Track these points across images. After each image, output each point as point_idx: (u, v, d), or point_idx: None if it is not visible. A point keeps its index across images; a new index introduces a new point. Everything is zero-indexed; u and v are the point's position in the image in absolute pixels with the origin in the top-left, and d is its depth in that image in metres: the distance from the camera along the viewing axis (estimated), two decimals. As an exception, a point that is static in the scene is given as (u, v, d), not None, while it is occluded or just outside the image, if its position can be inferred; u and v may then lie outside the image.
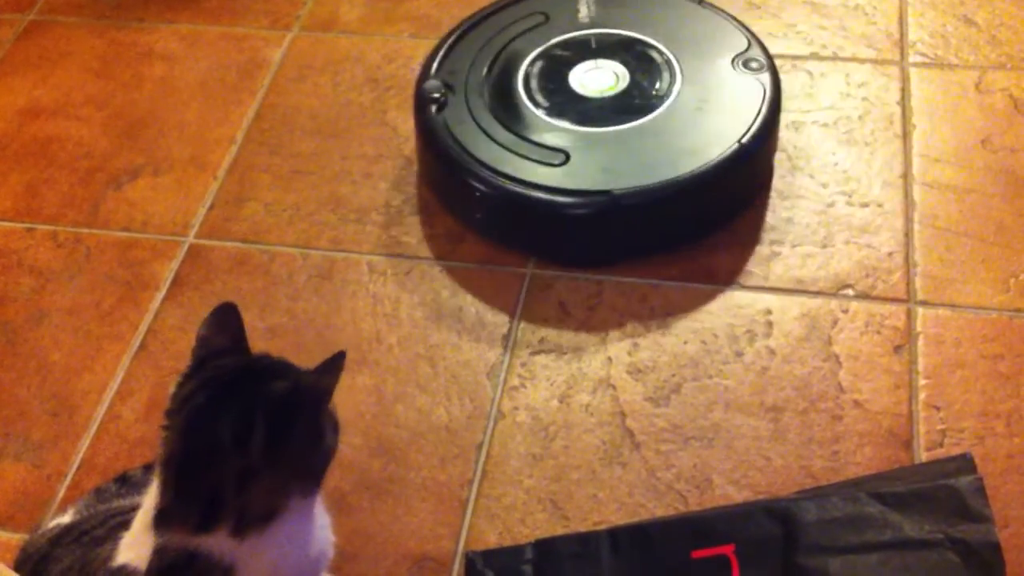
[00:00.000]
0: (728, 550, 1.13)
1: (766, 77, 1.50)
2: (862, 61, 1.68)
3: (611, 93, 1.52)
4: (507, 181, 1.42)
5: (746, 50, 1.55)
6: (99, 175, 1.65)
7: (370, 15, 1.87)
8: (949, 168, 1.52)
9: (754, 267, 1.44)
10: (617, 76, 1.54)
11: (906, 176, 1.52)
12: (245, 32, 1.86)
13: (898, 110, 1.60)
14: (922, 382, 1.30)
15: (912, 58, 1.68)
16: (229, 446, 0.88)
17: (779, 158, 1.55)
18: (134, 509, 0.97)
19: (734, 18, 1.60)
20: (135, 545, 0.91)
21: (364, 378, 1.36)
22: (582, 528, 1.21)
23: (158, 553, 0.89)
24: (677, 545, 1.15)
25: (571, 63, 1.56)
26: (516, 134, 1.47)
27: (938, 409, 1.27)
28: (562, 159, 1.44)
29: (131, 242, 1.55)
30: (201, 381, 0.92)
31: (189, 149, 1.67)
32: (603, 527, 1.19)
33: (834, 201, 1.50)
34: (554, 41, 1.59)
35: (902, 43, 1.70)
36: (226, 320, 0.97)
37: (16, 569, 1.05)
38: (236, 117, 1.72)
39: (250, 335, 0.99)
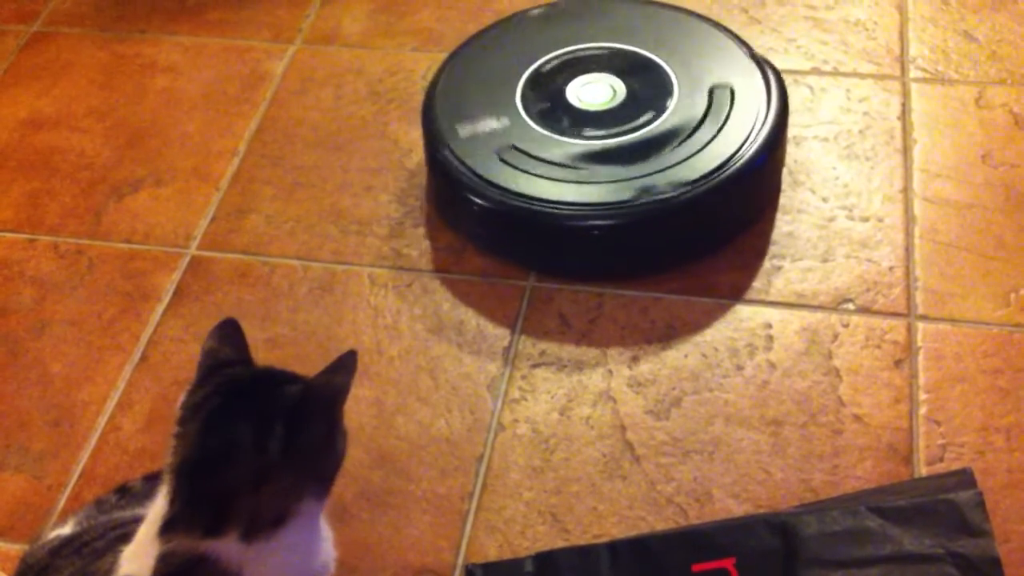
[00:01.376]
0: (729, 564, 1.13)
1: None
2: (863, 76, 1.69)
3: (608, 107, 1.52)
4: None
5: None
6: (101, 186, 1.65)
7: (372, 28, 1.87)
8: (949, 183, 1.52)
9: (755, 281, 1.44)
10: (614, 90, 1.54)
11: (906, 191, 1.52)
12: (247, 44, 1.87)
13: (899, 125, 1.61)
14: (922, 396, 1.30)
15: (913, 73, 1.68)
16: (249, 447, 0.89)
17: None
18: (135, 521, 0.97)
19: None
20: (137, 557, 0.91)
21: (365, 390, 1.36)
22: (582, 541, 1.21)
23: (164, 559, 0.88)
24: (677, 558, 1.15)
25: (569, 77, 1.56)
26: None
27: (938, 424, 1.27)
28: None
29: (133, 253, 1.56)
30: (214, 388, 0.93)
31: (191, 161, 1.68)
32: (603, 540, 1.19)
33: (835, 215, 1.50)
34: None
35: (903, 58, 1.71)
36: (231, 333, 0.99)
37: (16, 580, 1.05)
38: (238, 129, 1.72)
39: (251, 347, 1.00)
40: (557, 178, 1.43)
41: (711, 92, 1.52)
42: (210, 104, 1.77)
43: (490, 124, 1.50)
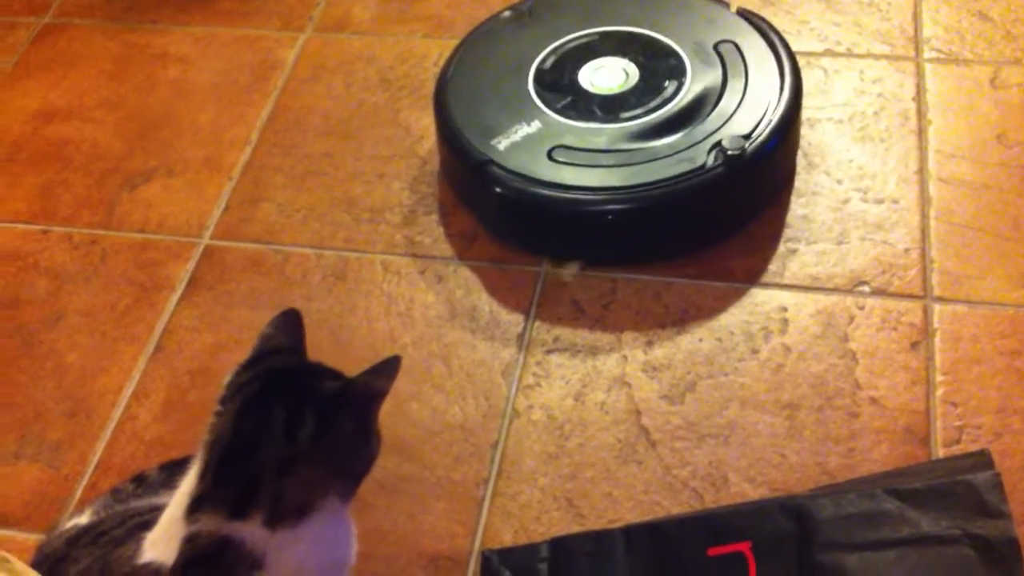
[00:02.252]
0: (744, 547, 1.13)
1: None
2: (877, 57, 1.67)
3: (621, 91, 1.52)
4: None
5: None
6: (114, 177, 1.66)
7: (383, 15, 1.87)
8: (965, 164, 1.51)
9: (770, 264, 1.43)
10: (627, 73, 1.53)
11: (921, 172, 1.51)
12: (258, 33, 1.87)
13: (913, 106, 1.60)
14: (939, 378, 1.29)
15: (927, 54, 1.67)
16: (279, 433, 0.90)
17: (793, 155, 1.55)
18: (152, 510, 0.97)
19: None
20: (161, 542, 0.91)
21: (379, 377, 1.36)
22: (597, 526, 1.20)
23: (190, 541, 0.89)
24: (693, 543, 1.15)
25: (581, 61, 1.56)
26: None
27: (955, 405, 1.27)
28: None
29: (146, 243, 1.56)
30: (257, 372, 0.95)
31: (203, 151, 1.68)
32: (618, 525, 1.19)
33: (849, 198, 1.49)
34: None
35: (917, 39, 1.70)
36: (290, 324, 1.01)
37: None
38: (250, 118, 1.72)
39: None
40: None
41: (717, 50, 1.53)
42: (221, 94, 1.77)
43: (523, 130, 1.49)
